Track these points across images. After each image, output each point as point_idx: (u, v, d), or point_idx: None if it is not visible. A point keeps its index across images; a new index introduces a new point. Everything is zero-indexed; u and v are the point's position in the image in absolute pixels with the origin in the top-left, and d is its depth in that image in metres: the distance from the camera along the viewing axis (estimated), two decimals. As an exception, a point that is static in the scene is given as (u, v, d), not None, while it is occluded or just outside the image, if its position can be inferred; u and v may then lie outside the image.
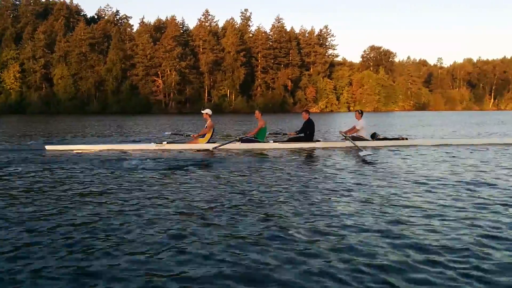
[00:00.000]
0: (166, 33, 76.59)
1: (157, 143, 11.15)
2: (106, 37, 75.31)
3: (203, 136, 11.35)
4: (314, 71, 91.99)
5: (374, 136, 12.06)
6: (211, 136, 11.46)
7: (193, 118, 43.32)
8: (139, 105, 70.73)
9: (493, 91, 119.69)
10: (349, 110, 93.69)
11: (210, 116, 11.47)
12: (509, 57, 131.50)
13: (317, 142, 11.72)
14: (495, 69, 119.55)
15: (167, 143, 11.11)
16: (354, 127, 12.07)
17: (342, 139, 11.90)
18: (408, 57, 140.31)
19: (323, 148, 11.23)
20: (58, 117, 46.44)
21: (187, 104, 76.62)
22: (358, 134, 11.78)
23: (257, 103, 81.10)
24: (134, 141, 13.42)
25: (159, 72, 75.34)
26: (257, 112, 11.81)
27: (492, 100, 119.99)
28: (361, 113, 12.17)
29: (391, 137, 12.87)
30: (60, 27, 73.98)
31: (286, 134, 12.95)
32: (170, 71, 74.33)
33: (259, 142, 11.40)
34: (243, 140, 11.38)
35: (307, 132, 11.79)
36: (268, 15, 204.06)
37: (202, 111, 11.54)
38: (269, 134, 13.23)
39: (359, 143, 11.02)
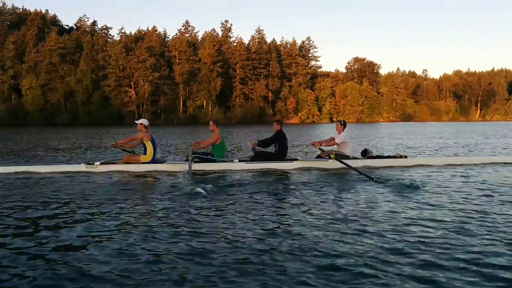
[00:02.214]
0: (139, 43, 75.12)
1: (88, 163, 9.17)
2: (78, 48, 73.69)
3: (145, 153, 9.22)
4: (295, 82, 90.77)
5: (365, 154, 9.96)
6: (154, 152, 9.32)
7: (166, 129, 41.47)
8: (110, 117, 68.84)
9: (479, 102, 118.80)
10: (332, 121, 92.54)
11: (146, 127, 9.33)
12: (495, 70, 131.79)
13: (294, 161, 9.62)
14: (481, 81, 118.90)
15: (101, 163, 9.17)
16: (331, 140, 10.00)
17: (324, 155, 9.60)
18: (398, 69, 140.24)
19: (301, 169, 9.19)
20: (21, 129, 44.27)
21: (162, 115, 74.77)
22: (339, 151, 9.65)
23: (234, 114, 79.62)
24: (50, 162, 11.10)
25: (131, 83, 73.57)
26: (211, 123, 9.68)
27: (478, 111, 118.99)
28: (344, 124, 9.98)
29: (386, 155, 10.67)
30: (31, 37, 72.37)
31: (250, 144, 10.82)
32: (142, 81, 72.59)
33: (215, 161, 9.29)
34: (196, 158, 9.23)
35: (277, 146, 9.69)
36: (251, 27, 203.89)
37: (136, 122, 9.46)
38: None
39: (346, 162, 8.99)
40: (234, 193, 6.44)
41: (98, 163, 9.13)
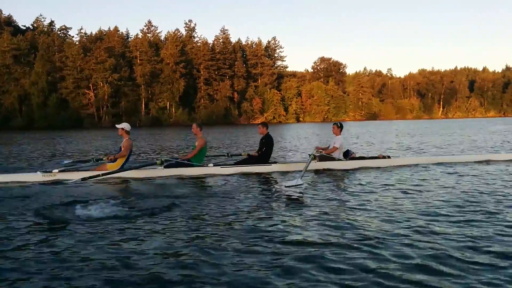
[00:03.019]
0: (98, 44, 72.86)
1: (44, 172, 8.21)
2: (34, 49, 70.77)
3: (114, 161, 8.36)
4: (261, 83, 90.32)
5: (347, 155, 9.57)
6: (127, 159, 8.49)
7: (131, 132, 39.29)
8: (68, 120, 66.31)
9: (441, 100, 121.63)
10: (298, 121, 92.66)
11: (128, 133, 8.52)
12: (458, 68, 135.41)
13: (272, 165, 9.08)
14: (443, 79, 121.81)
15: (60, 171, 8.16)
16: (332, 146, 9.50)
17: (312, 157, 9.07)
18: (365, 68, 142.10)
19: (282, 172, 8.73)
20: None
21: (123, 117, 72.70)
22: (328, 153, 9.34)
23: (199, 115, 78.37)
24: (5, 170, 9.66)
25: (90, 85, 71.23)
26: (194, 126, 8.90)
27: (441, 109, 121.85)
28: (341, 126, 9.58)
29: (368, 156, 10.39)
30: (-18, 39, 68.98)
31: (241, 155, 10.10)
32: (102, 83, 70.40)
33: (192, 165, 8.56)
34: (168, 164, 8.48)
35: (263, 150, 9.19)
36: (216, 27, 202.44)
37: (117, 126, 8.63)
38: (232, 155, 10.57)
39: (329, 164, 9.06)
40: (209, 200, 6.05)
41: (57, 170, 8.21)
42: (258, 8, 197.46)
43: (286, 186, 6.85)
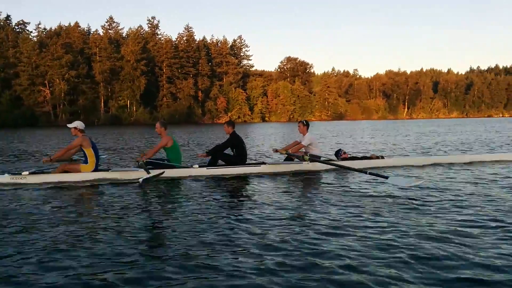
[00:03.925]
0: (54, 39, 70.72)
1: (13, 174, 7.65)
2: (-13, 44, 68.20)
3: (86, 161, 7.78)
4: (226, 82, 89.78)
5: (338, 155, 9.29)
6: (97, 160, 7.87)
7: (88, 131, 37.84)
8: (22, 118, 63.97)
9: (406, 101, 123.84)
10: (264, 121, 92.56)
11: (82, 131, 7.87)
12: (423, 70, 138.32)
13: (262, 165, 8.63)
14: (408, 80, 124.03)
15: (30, 173, 7.58)
16: (297, 143, 9.13)
17: (295, 158, 8.88)
18: (333, 68, 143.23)
19: (272, 174, 8.40)
20: None
21: (81, 115, 70.79)
22: (310, 153, 8.82)
23: (161, 114, 77.22)
24: None
25: (46, 82, 69.07)
26: (158, 125, 8.30)
27: (405, 109, 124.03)
28: (306, 124, 9.15)
29: (361, 156, 9.87)
30: None
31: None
32: (58, 80, 68.37)
33: (173, 166, 8.09)
34: (142, 164, 7.75)
35: (235, 151, 8.67)
36: (181, 25, 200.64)
37: (69, 125, 7.98)
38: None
39: (319, 166, 8.60)
40: (196, 203, 5.77)
41: (27, 173, 7.59)
42: (224, 7, 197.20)
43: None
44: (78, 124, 7.96)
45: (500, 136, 22.95)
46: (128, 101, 75.36)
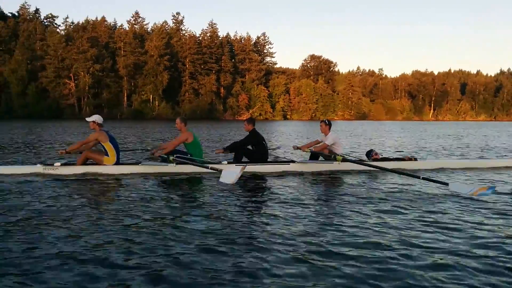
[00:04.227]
0: (81, 33, 71.77)
1: (45, 164, 7.72)
2: (15, 36, 69.68)
3: (106, 154, 7.81)
4: (249, 78, 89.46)
5: (369, 155, 9.04)
6: (117, 154, 7.90)
7: (110, 124, 39.01)
8: (48, 110, 65.31)
9: (432, 102, 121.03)
10: (285, 119, 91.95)
11: (100, 125, 7.85)
12: (451, 71, 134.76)
13: (290, 164, 8.49)
14: (435, 81, 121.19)
15: (62, 164, 7.67)
16: (318, 142, 9.01)
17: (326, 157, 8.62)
18: (358, 67, 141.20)
19: (305, 173, 8.11)
20: None
21: (105, 109, 71.79)
22: (319, 150, 8.73)
23: (183, 109, 77.54)
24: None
25: (71, 75, 70.21)
26: (178, 121, 8.24)
27: (431, 111, 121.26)
28: (329, 123, 8.90)
29: (393, 157, 9.68)
30: (-37, 25, 67.91)
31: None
32: (83, 73, 69.40)
33: (203, 162, 7.88)
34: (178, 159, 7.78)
35: (254, 148, 8.49)
36: (206, 21, 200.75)
37: (87, 119, 7.95)
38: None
39: (347, 165, 8.33)
40: (226, 201, 5.68)
41: (59, 164, 7.65)
42: (249, 4, 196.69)
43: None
44: (97, 118, 7.89)
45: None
46: (151, 95, 75.89)
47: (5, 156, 10.73)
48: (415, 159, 9.14)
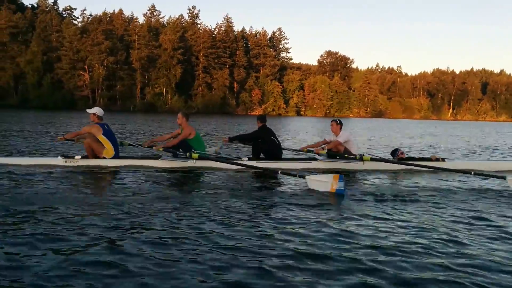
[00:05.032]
0: (95, 26, 72.54)
1: (65, 157, 7.77)
2: (32, 28, 70.85)
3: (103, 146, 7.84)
4: (263, 73, 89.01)
5: (395, 154, 8.72)
6: (115, 145, 7.89)
7: (122, 116, 39.67)
8: (62, 101, 66.29)
9: (451, 101, 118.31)
10: (299, 115, 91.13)
11: (100, 118, 7.87)
12: (474, 70, 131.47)
13: (312, 161, 8.36)
14: (455, 80, 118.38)
15: (82, 157, 7.73)
16: (326, 142, 8.72)
17: (320, 155, 8.32)
18: (377, 65, 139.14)
19: (326, 171, 7.77)
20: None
21: (118, 101, 72.49)
22: (331, 148, 8.35)
23: (196, 103, 77.73)
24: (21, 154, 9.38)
25: (85, 66, 71.04)
26: (179, 115, 8.18)
27: (450, 110, 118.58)
28: (340, 123, 8.59)
29: (419, 157, 9.34)
30: (-19, 15, 69.22)
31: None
32: (97, 65, 70.13)
33: (225, 159, 8.02)
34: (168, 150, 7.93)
35: (263, 144, 8.35)
36: (220, 15, 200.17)
37: (88, 111, 8.02)
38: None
39: (371, 165, 8.13)
40: (238, 197, 5.62)
41: (79, 157, 7.72)
42: None
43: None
44: (97, 110, 7.86)
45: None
46: (164, 89, 76.23)
47: (26, 146, 11.01)
48: (443, 160, 8.70)
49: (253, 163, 7.74)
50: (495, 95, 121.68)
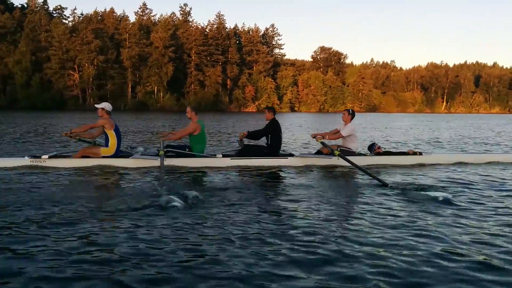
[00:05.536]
0: (85, 25, 71.49)
1: (33, 157, 7.43)
2: (21, 28, 69.64)
3: (106, 145, 7.56)
4: (256, 70, 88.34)
5: (371, 149, 8.49)
6: (118, 144, 7.59)
7: (113, 116, 38.32)
8: (51, 100, 65.31)
9: (445, 94, 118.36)
10: (292, 111, 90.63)
11: (108, 113, 7.57)
12: (467, 63, 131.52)
13: (289, 158, 8.05)
14: (448, 73, 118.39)
15: (49, 157, 7.36)
16: (336, 132, 8.31)
17: (327, 151, 7.85)
18: (372, 59, 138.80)
19: (299, 167, 7.65)
20: None
21: (109, 100, 71.28)
22: (345, 146, 8.12)
23: (188, 101, 76.88)
24: None
25: (75, 66, 69.99)
26: (189, 109, 8.00)
27: (444, 103, 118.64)
28: (352, 114, 8.31)
29: (397, 151, 9.34)
30: (-32, 16, 68.00)
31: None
32: (87, 64, 69.10)
33: (194, 155, 7.69)
34: (170, 152, 7.60)
35: (270, 139, 8.15)
36: (212, 12, 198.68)
37: (96, 106, 7.72)
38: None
39: (354, 159, 7.55)
40: (218, 197, 5.24)
41: (46, 156, 7.40)
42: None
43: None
44: (106, 105, 7.66)
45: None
46: (155, 87, 75.36)
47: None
48: (420, 154, 8.55)
49: (228, 160, 7.68)
50: (488, 87, 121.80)
